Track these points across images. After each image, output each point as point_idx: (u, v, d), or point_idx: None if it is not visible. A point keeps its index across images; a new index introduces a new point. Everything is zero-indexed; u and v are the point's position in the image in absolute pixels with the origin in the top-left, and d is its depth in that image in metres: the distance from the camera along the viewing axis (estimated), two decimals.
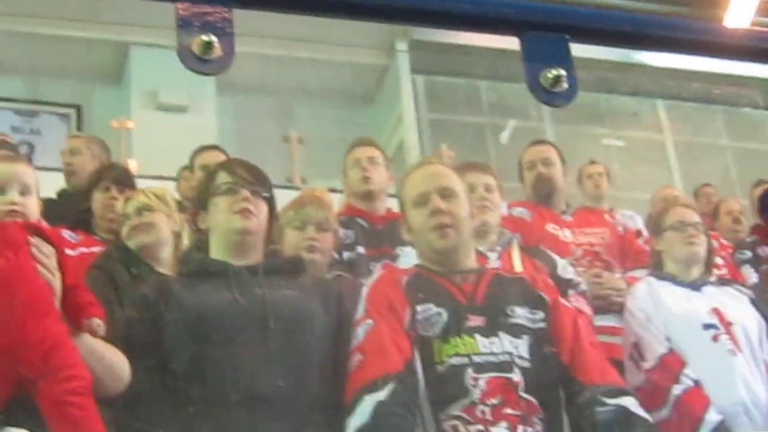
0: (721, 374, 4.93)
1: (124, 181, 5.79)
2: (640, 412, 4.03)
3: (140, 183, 5.74)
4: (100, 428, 3.19)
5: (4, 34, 10.33)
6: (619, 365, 4.69)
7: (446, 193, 4.17)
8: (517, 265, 4.76)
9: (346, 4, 1.97)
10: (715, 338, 5.05)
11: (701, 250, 5.44)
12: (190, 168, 6.44)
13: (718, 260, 6.46)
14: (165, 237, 4.87)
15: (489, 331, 3.97)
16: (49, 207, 4.05)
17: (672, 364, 4.86)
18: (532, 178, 6.63)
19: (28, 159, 4.25)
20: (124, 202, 4.85)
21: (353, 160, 6.17)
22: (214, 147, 6.76)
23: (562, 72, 2.07)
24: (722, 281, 5.65)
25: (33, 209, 3.55)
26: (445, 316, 3.96)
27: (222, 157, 6.06)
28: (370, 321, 3.90)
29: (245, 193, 4.13)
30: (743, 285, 5.82)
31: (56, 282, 3.36)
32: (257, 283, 3.99)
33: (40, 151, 10.92)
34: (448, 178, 4.24)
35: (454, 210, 4.13)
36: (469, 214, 4.32)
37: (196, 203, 4.34)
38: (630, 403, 4.03)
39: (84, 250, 4.98)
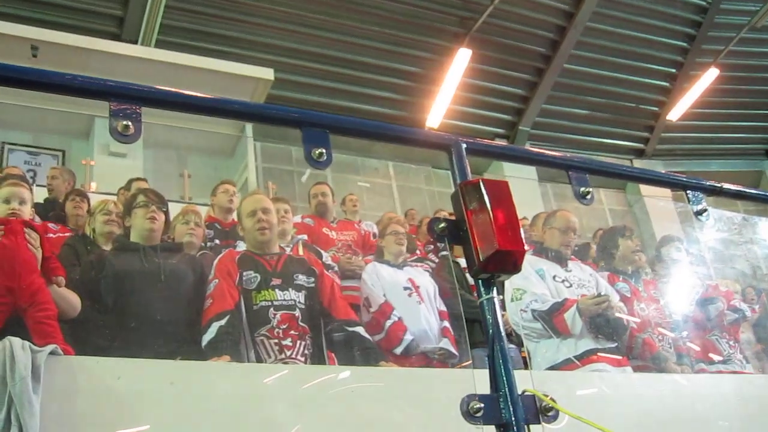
0: (412, 314, 5.29)
1: (83, 195, 6.16)
2: (366, 335, 4.50)
3: (96, 197, 6.23)
4: (60, 338, 3.44)
5: (20, 108, 9.80)
6: (356, 308, 5.04)
7: (265, 210, 4.64)
8: (301, 252, 5.06)
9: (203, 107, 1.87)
10: (410, 295, 5.44)
11: (404, 247, 5.90)
12: (127, 188, 6.64)
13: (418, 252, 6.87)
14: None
15: (283, 287, 4.37)
16: (41, 207, 3.65)
17: (386, 309, 5.27)
18: (315, 202, 7.21)
19: (31, 182, 4.08)
20: (94, 207, 5.19)
21: (223, 189, 6.64)
22: (142, 178, 6.17)
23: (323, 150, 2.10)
24: (414, 261, 6.18)
25: (26, 213, 3.95)
26: (258, 278, 4.38)
27: (146, 184, 6.53)
28: (216, 280, 4.32)
29: (153, 207, 4.56)
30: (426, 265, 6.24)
31: (38, 254, 3.73)
32: (156, 255, 4.38)
33: (40, 176, 9.49)
34: (266, 202, 4.76)
35: (270, 219, 4.61)
36: (276, 223, 4.73)
37: (125, 212, 4.76)
38: (360, 330, 4.49)
39: (60, 235, 5.22)
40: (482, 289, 1.99)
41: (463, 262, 5.81)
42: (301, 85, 14.48)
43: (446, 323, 5.44)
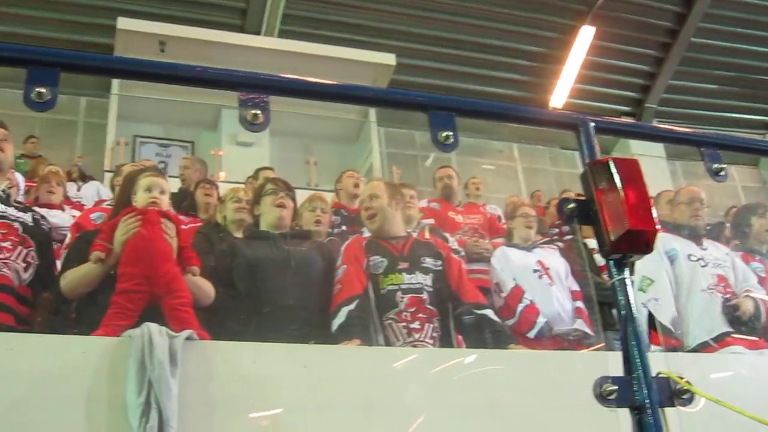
0: (544, 296, 5.29)
1: (213, 183, 6.40)
2: (495, 318, 4.46)
3: (225, 186, 6.20)
4: (196, 323, 3.54)
5: (151, 100, 10.02)
6: (484, 291, 5.00)
7: (372, 197, 4.72)
8: (427, 236, 5.18)
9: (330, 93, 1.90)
10: (540, 277, 5.42)
11: (533, 230, 5.86)
12: (254, 177, 6.80)
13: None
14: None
15: (410, 270, 4.39)
16: (174, 197, 4.72)
17: (517, 292, 5.27)
18: (441, 186, 7.18)
19: (164, 172, 4.16)
20: (225, 195, 5.28)
21: (348, 175, 6.86)
22: (269, 168, 7.12)
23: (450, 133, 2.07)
24: (543, 243, 6.06)
25: (165, 202, 4.09)
26: (385, 262, 4.41)
27: (273, 173, 6.65)
28: (345, 266, 4.37)
29: (281, 194, 4.66)
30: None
31: (174, 243, 3.86)
32: (285, 243, 4.45)
33: (171, 167, 10.95)
34: (376, 188, 4.82)
35: (376, 205, 4.66)
36: (392, 209, 4.69)
37: (254, 200, 4.84)
38: (489, 312, 4.44)
39: (192, 225, 5.29)
40: (614, 269, 1.96)
41: (590, 243, 5.80)
42: (423, 70, 14.45)
43: (579, 303, 5.37)
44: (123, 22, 12.19)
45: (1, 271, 3.83)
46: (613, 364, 1.89)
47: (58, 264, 4.40)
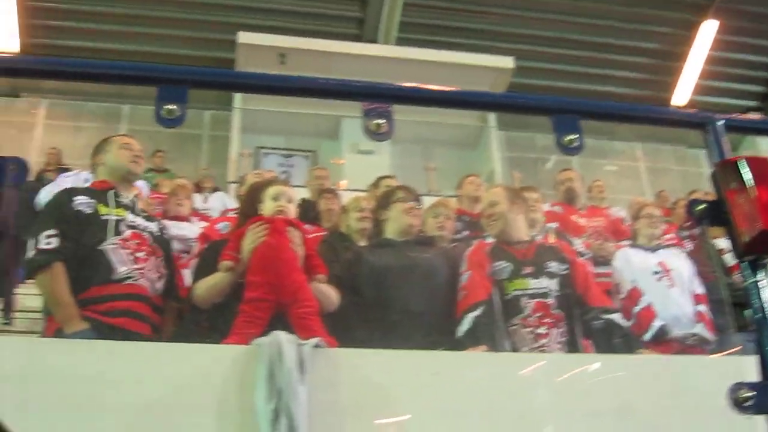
0: (663, 299, 5.23)
1: (335, 192, 6.37)
2: (622, 322, 4.39)
3: (348, 194, 6.20)
4: (323, 331, 3.58)
5: (272, 113, 10.28)
6: (610, 294, 5.06)
7: (492, 203, 4.67)
8: (552, 240, 5.21)
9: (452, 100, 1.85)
10: (659, 279, 5.34)
11: (658, 230, 5.78)
12: (376, 186, 6.64)
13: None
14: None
15: (535, 275, 4.35)
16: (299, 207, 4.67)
17: (634, 294, 5.25)
18: (563, 189, 7.10)
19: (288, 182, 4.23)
20: (348, 204, 5.33)
21: (469, 180, 6.75)
22: (391, 176, 7.16)
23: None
24: (668, 245, 5.96)
25: (291, 211, 4.13)
26: (510, 267, 4.38)
27: (395, 182, 6.58)
28: (469, 272, 4.35)
29: (414, 203, 4.73)
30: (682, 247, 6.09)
31: (300, 251, 3.92)
32: (410, 250, 4.49)
33: (294, 177, 9.96)
34: (495, 195, 4.76)
35: (497, 211, 4.60)
36: (514, 213, 4.63)
37: (380, 206, 4.91)
38: (617, 317, 4.39)
39: (316, 234, 5.22)
40: (747, 272, 1.91)
41: (719, 244, 5.64)
42: (541, 72, 14.36)
43: (702, 307, 5.28)
44: (243, 37, 12.50)
45: (138, 281, 3.95)
46: (747, 369, 1.83)
47: (184, 273, 4.57)
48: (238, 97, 12.96)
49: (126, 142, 4.46)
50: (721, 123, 2.11)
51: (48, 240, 3.84)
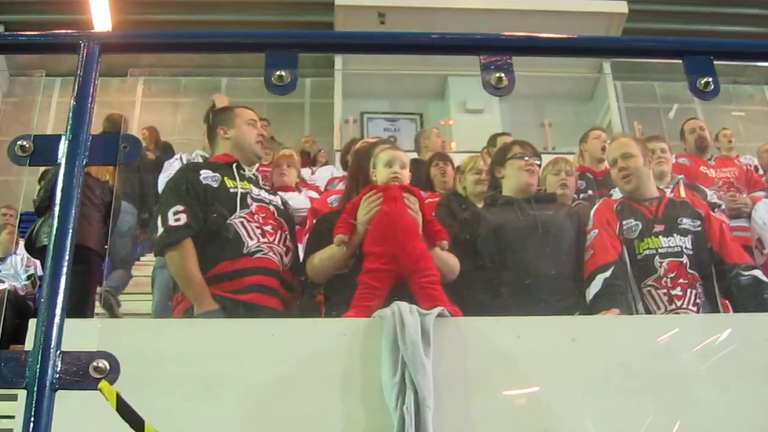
0: None
1: (446, 158, 6.26)
2: (765, 278, 4.18)
3: (458, 157, 6.07)
4: (446, 300, 3.53)
5: (376, 75, 10.32)
6: (748, 249, 4.83)
7: (626, 156, 4.51)
8: (683, 194, 4.96)
9: (571, 48, 1.87)
10: None
11: None
12: (492, 145, 6.79)
13: None
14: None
15: (667, 233, 4.24)
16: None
17: None
18: (692, 139, 6.86)
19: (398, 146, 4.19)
20: (464, 165, 5.29)
21: (595, 135, 6.61)
22: (506, 133, 7.31)
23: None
24: None
25: (406, 177, 4.07)
26: (640, 225, 4.28)
27: (510, 139, 6.48)
28: (596, 230, 4.27)
29: (531, 160, 4.55)
30: None
31: (419, 218, 3.86)
32: (531, 208, 4.37)
33: (399, 141, 11.23)
34: (628, 146, 4.60)
35: (632, 165, 4.47)
36: (647, 166, 4.52)
37: (496, 162, 4.72)
38: (759, 273, 4.21)
39: (430, 200, 5.11)
40: None
41: None
42: (657, 14, 13.82)
43: None
44: None
45: (268, 255, 3.96)
46: None
47: (300, 249, 4.60)
48: (338, 62, 13.16)
49: (252, 118, 4.47)
50: None
51: (177, 216, 3.87)
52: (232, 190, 4.07)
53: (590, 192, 5.79)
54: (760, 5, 14.34)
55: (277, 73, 1.84)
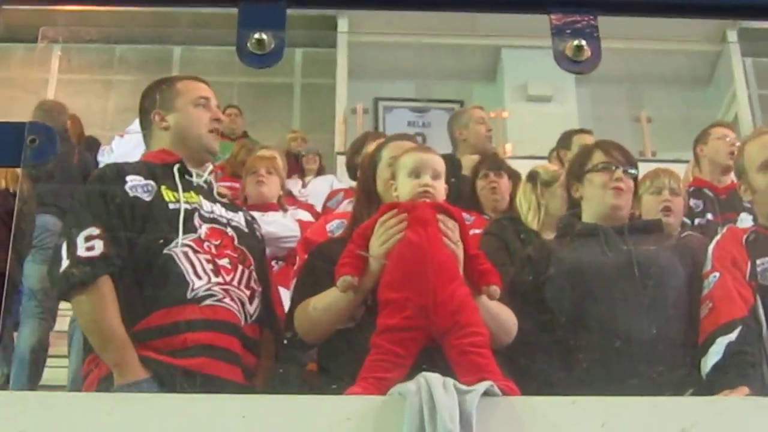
0: None
1: (500, 167, 6.08)
2: None
3: (515, 163, 6.29)
4: (497, 371, 3.42)
5: (397, 46, 10.31)
6: None
7: None
8: None
9: (683, 5, 1.75)
10: None
11: None
12: (564, 147, 6.66)
13: None
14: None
15: None
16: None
17: None
18: None
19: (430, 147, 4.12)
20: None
21: (718, 134, 6.46)
22: (587, 131, 7.00)
23: None
24: None
25: (441, 191, 3.85)
26: None
27: (592, 139, 6.32)
28: (717, 273, 4.15)
29: (619, 172, 4.43)
30: None
31: (459, 251, 3.68)
32: (623, 241, 4.29)
33: (430, 141, 11.18)
34: None
35: None
36: None
37: (571, 176, 4.68)
38: None
39: (476, 231, 5.06)
40: None
41: None
42: None
43: None
44: None
45: (222, 303, 3.86)
46: None
47: (282, 291, 4.55)
48: (343, 25, 12.99)
49: (202, 95, 4.37)
50: None
51: (90, 243, 3.75)
52: (171, 206, 4.00)
53: (709, 216, 5.72)
54: None
55: (256, 36, 1.82)
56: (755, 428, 3.18)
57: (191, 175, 4.17)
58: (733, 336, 3.95)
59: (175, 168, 4.12)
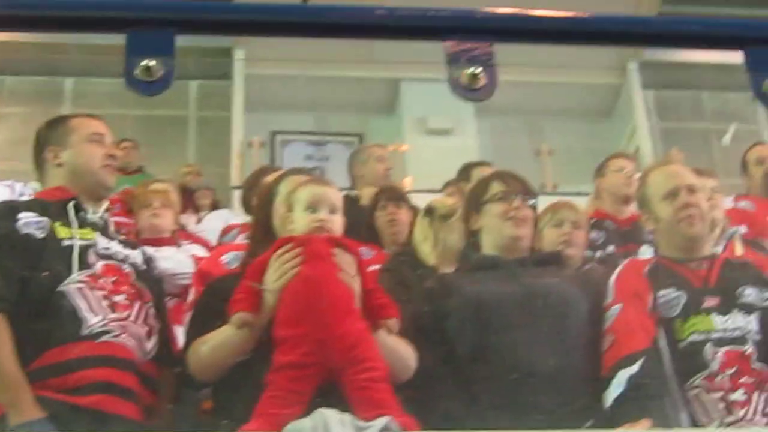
0: None
1: (400, 198, 6.13)
2: None
3: (415, 197, 6.32)
4: (396, 408, 3.44)
5: (294, 78, 10.27)
6: None
7: (692, 189, 4.51)
8: (739, 252, 5.03)
9: (586, 33, 2.14)
10: None
11: None
12: (464, 177, 6.73)
13: None
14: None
15: (723, 309, 4.18)
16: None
17: None
18: (759, 173, 6.81)
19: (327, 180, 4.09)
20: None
21: (616, 166, 6.59)
22: (485, 163, 7.25)
23: None
24: None
25: (338, 225, 3.95)
26: (683, 298, 4.23)
27: (490, 171, 6.23)
28: (618, 305, 4.22)
29: (517, 201, 4.48)
30: None
31: (356, 285, 3.76)
32: (525, 273, 4.34)
33: (329, 175, 10.77)
34: (691, 177, 4.61)
35: (700, 203, 4.47)
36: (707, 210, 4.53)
37: (469, 207, 4.69)
38: None
39: (375, 267, 5.01)
40: None
41: None
42: None
43: None
44: None
45: (119, 339, 3.88)
46: None
47: (176, 329, 4.52)
48: (240, 59, 12.99)
49: (96, 131, 4.43)
50: None
51: None
52: (65, 243, 4.01)
53: (611, 249, 5.77)
54: None
55: (143, 62, 1.82)
56: None
57: (85, 212, 4.19)
58: (635, 368, 3.97)
59: (70, 205, 4.15)
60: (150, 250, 4.95)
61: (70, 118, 4.56)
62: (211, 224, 8.23)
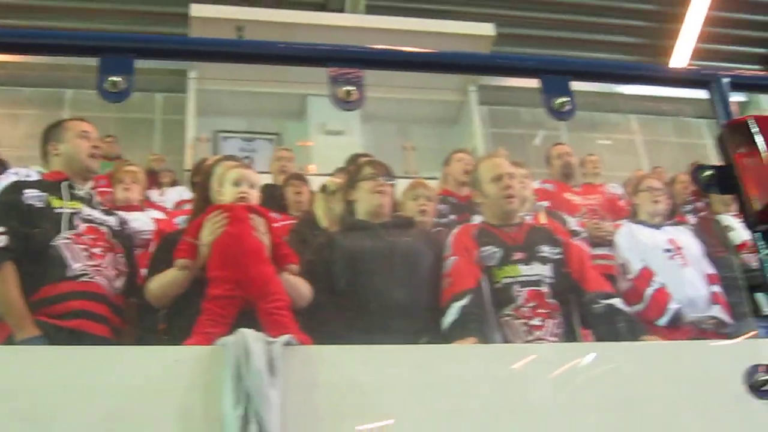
0: (676, 279, 5.18)
1: (302, 179, 6.50)
2: (623, 307, 4.34)
3: (317, 179, 6.29)
4: (295, 327, 3.55)
5: (232, 92, 10.22)
6: (610, 278, 4.85)
7: (511, 176, 4.63)
8: (543, 221, 5.17)
9: (438, 63, 1.88)
10: (672, 257, 5.30)
11: (660, 205, 5.72)
12: (354, 164, 5.95)
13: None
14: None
15: (527, 261, 4.35)
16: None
17: (646, 274, 5.18)
18: (558, 164, 7.15)
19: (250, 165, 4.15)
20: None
21: (458, 158, 6.79)
22: (366, 154, 7.38)
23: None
24: (675, 222, 5.94)
25: (255, 197, 4.05)
26: (500, 252, 4.37)
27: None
28: (454, 257, 4.34)
29: (381, 180, 4.60)
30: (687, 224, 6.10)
31: (266, 240, 3.84)
32: (387, 234, 4.42)
33: (257, 162, 11.13)
34: (510, 167, 4.74)
35: (515, 186, 4.61)
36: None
37: (348, 184, 4.77)
38: (616, 301, 4.33)
39: (284, 222, 5.39)
40: (761, 243, 1.88)
41: (724, 220, 5.64)
42: (525, 38, 14.09)
43: (716, 288, 5.19)
44: (196, 9, 12.22)
45: (94, 279, 4.00)
46: (765, 352, 1.81)
47: (143, 272, 4.51)
48: (192, 77, 12.90)
49: (84, 129, 4.49)
50: (726, 80, 2.09)
51: None
52: (57, 211, 4.10)
53: (452, 217, 5.81)
54: (631, 33, 14.63)
55: (111, 78, 1.80)
56: (476, 367, 3.23)
57: (75, 189, 4.27)
58: (464, 301, 4.06)
59: (64, 184, 4.23)
60: (123, 214, 4.94)
61: (65, 120, 4.66)
62: (170, 197, 8.24)
